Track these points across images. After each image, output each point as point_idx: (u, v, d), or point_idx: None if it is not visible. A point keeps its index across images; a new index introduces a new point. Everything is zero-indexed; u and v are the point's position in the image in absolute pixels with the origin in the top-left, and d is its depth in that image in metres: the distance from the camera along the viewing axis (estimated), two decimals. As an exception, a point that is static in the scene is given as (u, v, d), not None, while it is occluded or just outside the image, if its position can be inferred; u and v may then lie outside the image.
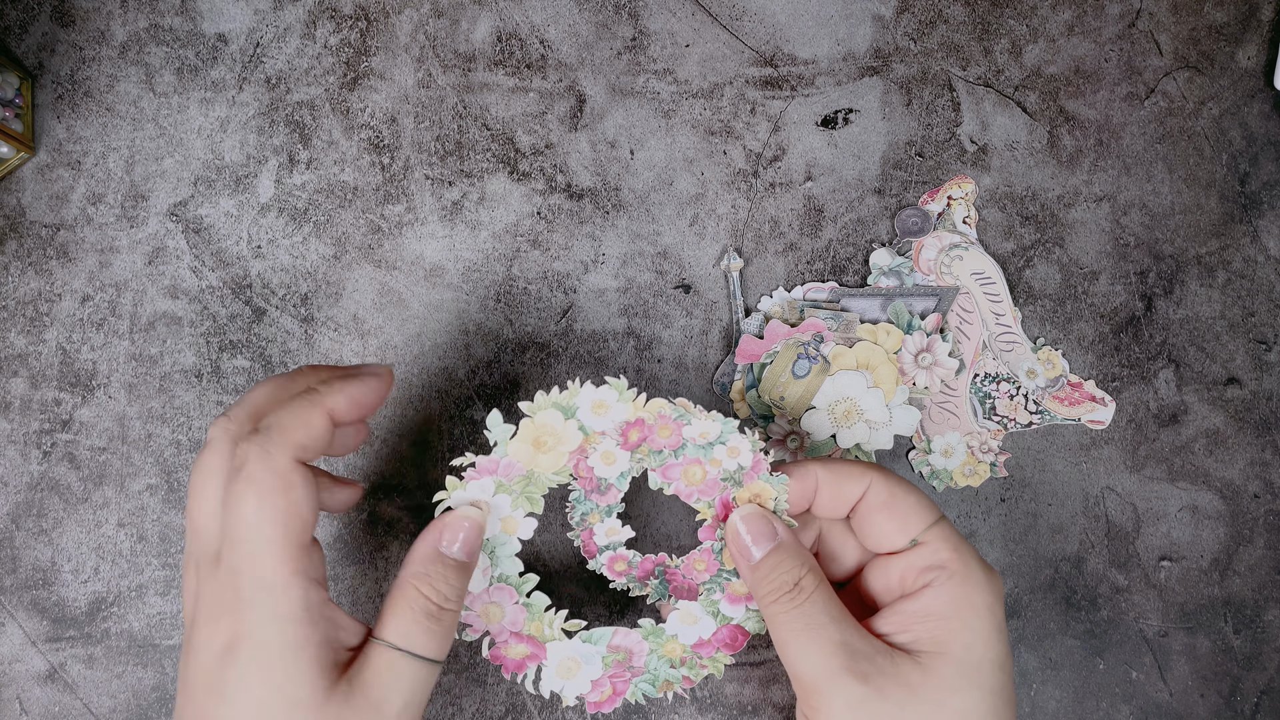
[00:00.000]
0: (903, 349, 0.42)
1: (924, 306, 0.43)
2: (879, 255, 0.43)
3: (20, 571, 0.42)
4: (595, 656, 0.36)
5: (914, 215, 0.43)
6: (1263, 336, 0.45)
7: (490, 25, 0.45)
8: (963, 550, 0.32)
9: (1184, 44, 0.46)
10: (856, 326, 0.42)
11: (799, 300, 0.43)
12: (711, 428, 0.34)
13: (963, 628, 0.31)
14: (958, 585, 0.31)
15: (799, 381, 0.42)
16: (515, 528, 0.35)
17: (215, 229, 0.44)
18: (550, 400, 0.34)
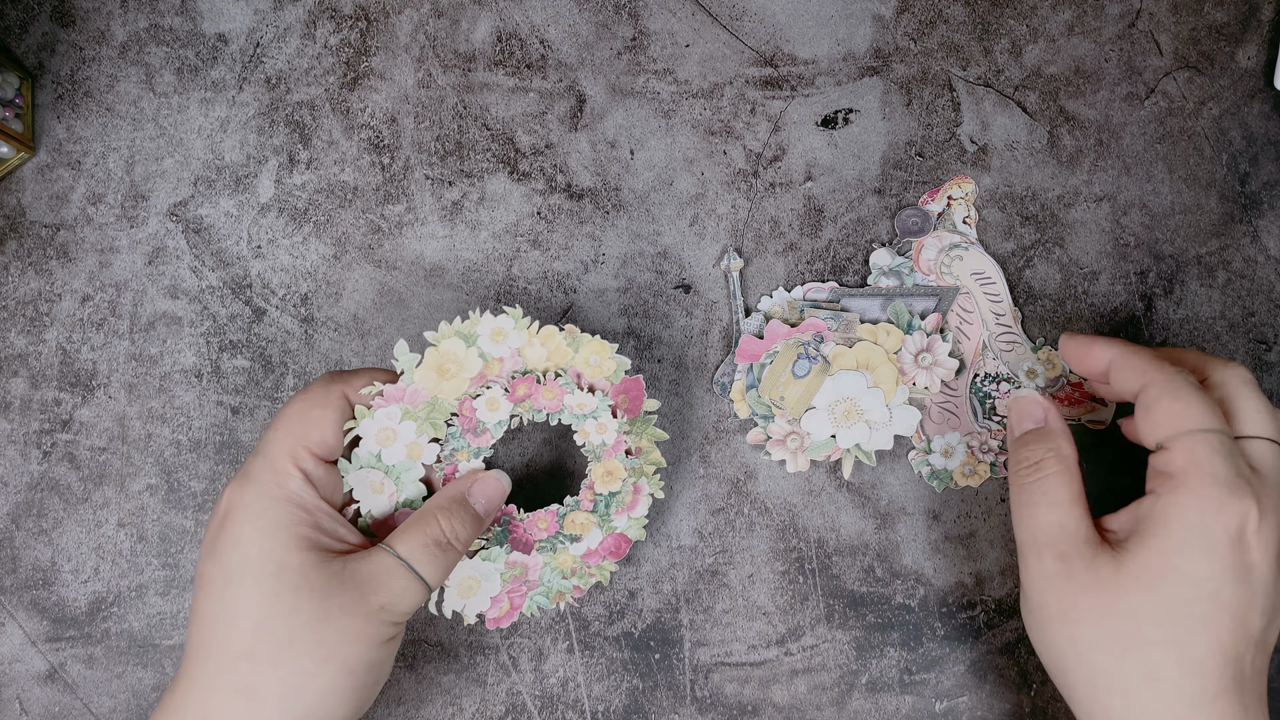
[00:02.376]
0: (903, 349, 0.42)
1: (924, 307, 0.43)
2: (879, 255, 0.43)
3: (20, 571, 0.42)
4: (494, 574, 0.38)
5: (914, 215, 0.43)
6: (1263, 336, 0.45)
7: (490, 25, 0.45)
8: (1204, 464, 0.32)
9: (1184, 44, 0.46)
10: (856, 326, 0.42)
11: (799, 300, 0.43)
12: (589, 401, 0.37)
13: (1162, 536, 0.31)
14: (1176, 496, 0.32)
15: (799, 381, 0.42)
16: (419, 453, 0.37)
17: (215, 229, 0.44)
18: (453, 329, 0.36)
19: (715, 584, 0.43)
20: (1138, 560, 0.32)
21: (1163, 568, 0.31)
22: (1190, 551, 0.31)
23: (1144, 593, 0.31)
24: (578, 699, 0.42)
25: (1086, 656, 0.32)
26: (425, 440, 0.37)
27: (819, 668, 0.42)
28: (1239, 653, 0.31)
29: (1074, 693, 0.33)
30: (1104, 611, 0.32)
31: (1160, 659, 0.31)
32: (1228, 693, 0.31)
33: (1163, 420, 0.33)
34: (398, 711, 0.42)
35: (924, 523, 0.43)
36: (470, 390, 0.37)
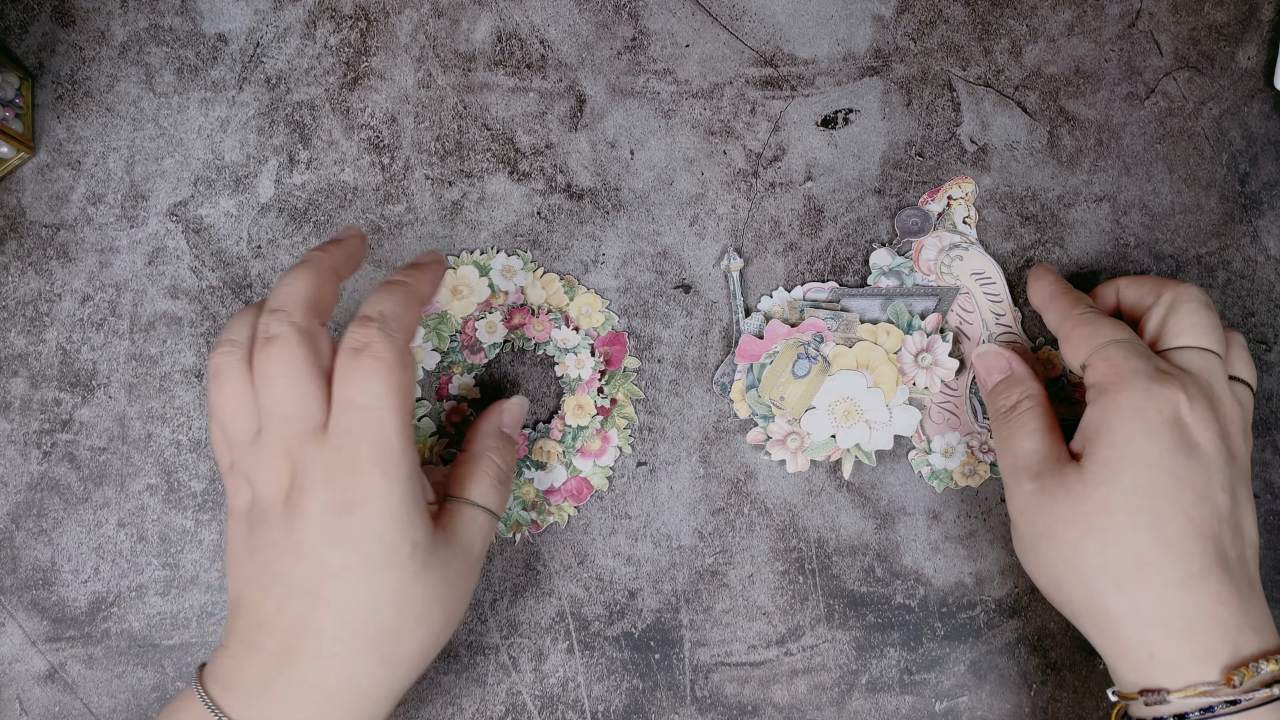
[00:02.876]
0: (903, 349, 0.42)
1: (924, 306, 0.42)
2: (879, 255, 0.43)
3: (20, 571, 0.42)
4: None
5: (914, 215, 0.43)
6: (1263, 336, 0.45)
7: (490, 25, 0.45)
8: (1121, 364, 0.34)
9: (1184, 44, 0.46)
10: (856, 326, 0.42)
11: (799, 300, 0.43)
12: (572, 337, 0.43)
13: (1107, 431, 0.34)
14: (1107, 398, 0.34)
15: (799, 381, 0.42)
16: (422, 357, 0.42)
17: (215, 229, 0.44)
18: (471, 259, 0.43)
19: (715, 584, 0.43)
20: (1095, 460, 0.34)
21: (1117, 458, 0.33)
22: (1135, 437, 0.33)
23: (1108, 484, 0.33)
24: (578, 699, 0.42)
25: (1074, 560, 0.33)
26: (429, 347, 0.42)
27: (819, 668, 0.42)
28: (1212, 530, 0.32)
29: (1072, 604, 0.34)
30: (1079, 512, 0.33)
31: (1140, 544, 0.32)
32: (1214, 570, 0.32)
33: (1079, 343, 0.36)
34: (397, 711, 0.42)
35: (924, 523, 0.43)
36: (475, 313, 0.42)
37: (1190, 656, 0.32)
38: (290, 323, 0.32)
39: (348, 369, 0.32)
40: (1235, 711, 0.31)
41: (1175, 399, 0.33)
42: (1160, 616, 0.32)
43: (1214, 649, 0.31)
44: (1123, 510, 0.33)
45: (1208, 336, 0.36)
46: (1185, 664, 0.32)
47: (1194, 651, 0.32)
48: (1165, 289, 0.37)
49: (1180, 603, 0.32)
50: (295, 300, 0.32)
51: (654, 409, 0.43)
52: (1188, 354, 0.35)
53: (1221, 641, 0.31)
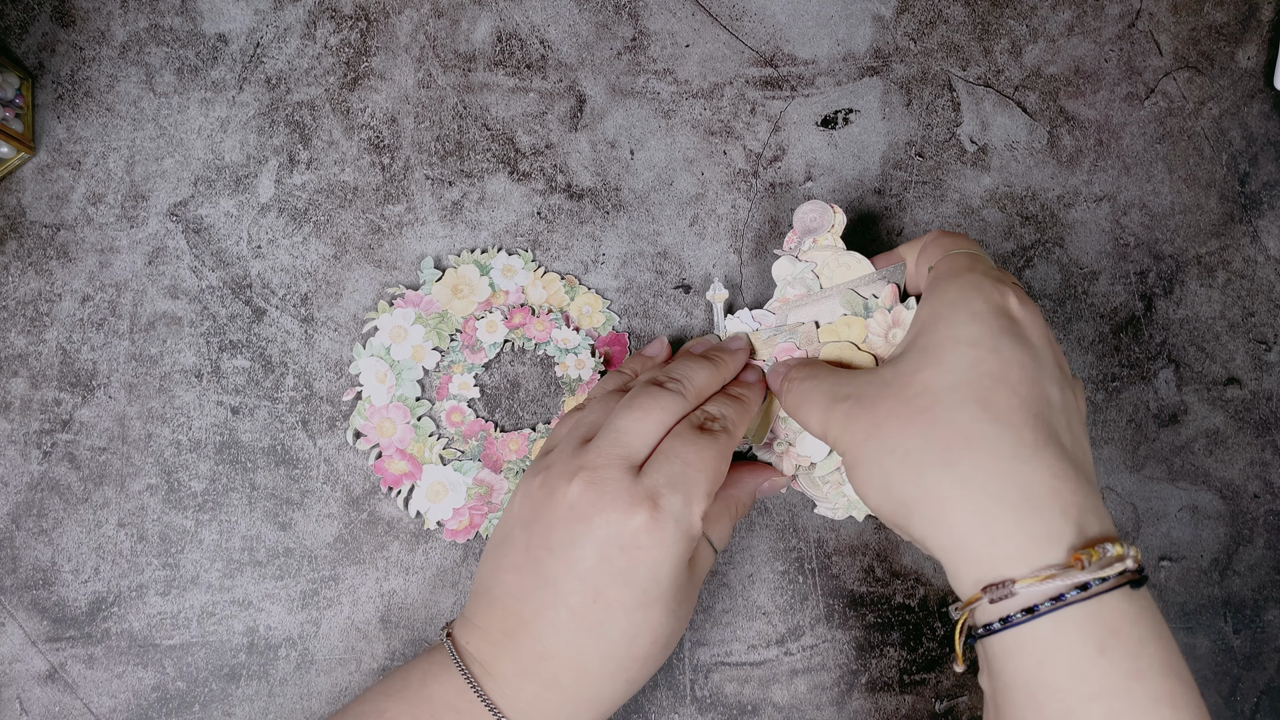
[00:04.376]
0: (869, 335, 0.39)
1: (873, 291, 0.39)
2: (780, 267, 0.40)
3: (20, 571, 0.42)
4: (461, 486, 0.42)
5: (813, 211, 0.39)
6: (1263, 336, 0.45)
7: (490, 25, 0.45)
8: (959, 264, 0.33)
9: (1184, 44, 0.46)
10: (815, 334, 0.39)
11: (761, 330, 0.40)
12: (572, 338, 0.43)
13: (930, 319, 0.32)
14: (939, 289, 0.33)
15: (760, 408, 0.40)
16: (422, 356, 0.42)
17: (215, 229, 0.44)
18: (472, 258, 0.43)
19: (715, 584, 0.43)
20: (915, 348, 0.32)
21: (938, 342, 0.31)
22: (959, 321, 0.31)
23: (930, 368, 0.31)
24: (578, 699, 0.42)
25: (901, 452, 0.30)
26: (429, 346, 0.42)
27: (819, 667, 0.42)
28: (1042, 411, 0.30)
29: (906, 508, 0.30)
30: (901, 400, 0.31)
31: (966, 418, 0.29)
32: (1048, 445, 0.29)
33: (933, 250, 0.35)
34: (398, 711, 0.42)
35: (924, 523, 0.43)
36: (476, 312, 0.43)
37: (1032, 538, 0.28)
38: (682, 389, 0.36)
39: (686, 433, 0.35)
40: (1087, 597, 0.27)
41: (1005, 294, 0.31)
42: (996, 491, 0.28)
43: (1056, 528, 0.28)
44: (945, 389, 0.30)
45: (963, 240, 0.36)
46: (1028, 547, 0.28)
47: (1036, 533, 0.28)
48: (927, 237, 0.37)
49: (1015, 475, 0.28)
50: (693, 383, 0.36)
51: (654, 409, 0.43)
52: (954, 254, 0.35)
53: (1063, 520, 0.28)
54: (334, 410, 0.43)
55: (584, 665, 0.33)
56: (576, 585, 0.33)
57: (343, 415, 0.43)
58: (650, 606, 0.33)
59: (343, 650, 0.42)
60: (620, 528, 0.32)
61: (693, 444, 0.34)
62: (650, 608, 0.33)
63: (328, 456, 0.42)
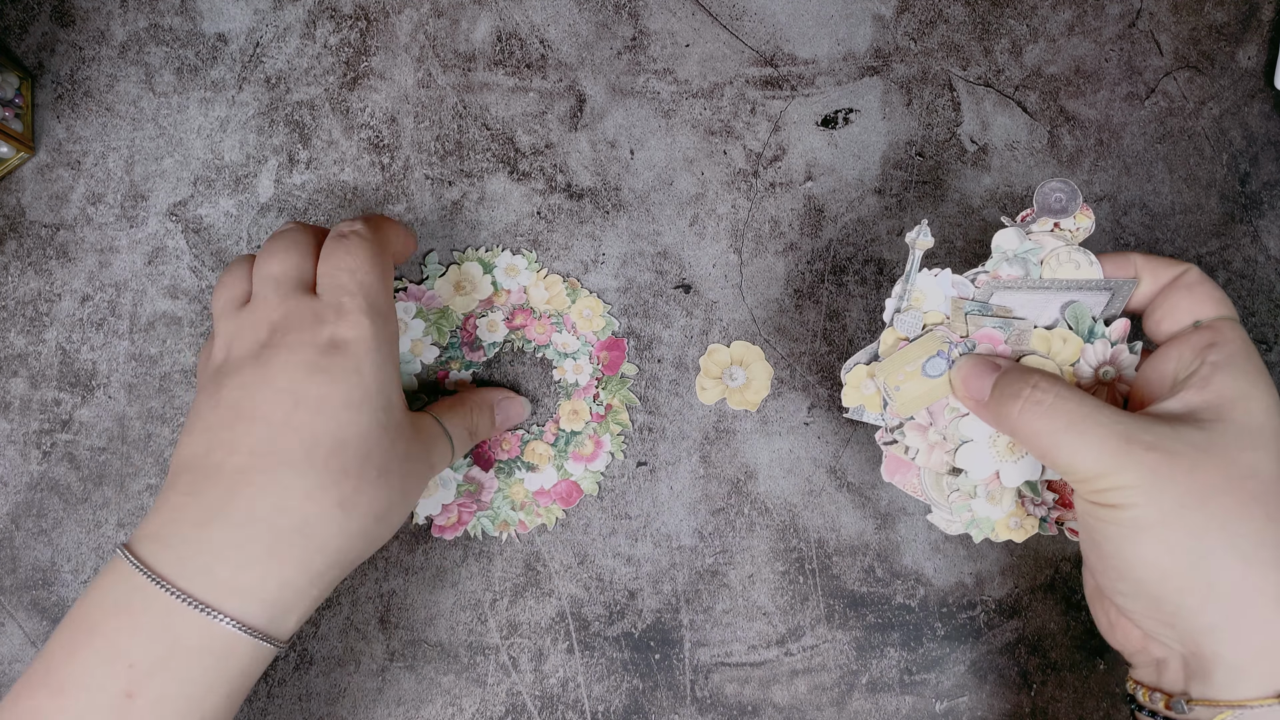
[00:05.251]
0: (1080, 360, 0.34)
1: (1092, 303, 0.35)
2: (1004, 237, 0.34)
3: (20, 571, 0.42)
4: (451, 482, 0.42)
5: (1060, 190, 0.34)
6: (1263, 336, 0.45)
7: (490, 25, 0.45)
8: (1247, 339, 0.31)
9: (1184, 44, 0.46)
10: (1031, 336, 0.34)
11: (965, 301, 0.35)
12: (572, 342, 0.42)
13: (1242, 396, 0.30)
14: (1238, 359, 0.30)
15: (926, 381, 0.35)
16: (421, 351, 0.42)
17: (215, 229, 0.44)
18: (476, 255, 0.43)
19: (715, 584, 0.43)
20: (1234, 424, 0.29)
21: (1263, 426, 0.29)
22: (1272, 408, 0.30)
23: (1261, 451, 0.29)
24: (578, 699, 0.42)
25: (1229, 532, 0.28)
26: (429, 341, 0.42)
27: (819, 668, 0.42)
28: None
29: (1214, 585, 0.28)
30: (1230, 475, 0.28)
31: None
32: None
33: (1206, 301, 0.32)
34: (397, 712, 0.42)
35: (924, 523, 0.43)
36: (477, 310, 0.42)
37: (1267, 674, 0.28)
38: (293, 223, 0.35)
39: (334, 248, 0.34)
40: None
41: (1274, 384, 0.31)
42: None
43: None
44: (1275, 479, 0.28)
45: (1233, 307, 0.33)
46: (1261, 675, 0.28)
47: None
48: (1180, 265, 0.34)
49: None
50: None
51: (654, 409, 0.43)
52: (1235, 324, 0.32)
53: None
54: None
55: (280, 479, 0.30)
56: (272, 396, 0.30)
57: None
58: (360, 409, 0.31)
59: (341, 651, 0.42)
60: (314, 335, 0.31)
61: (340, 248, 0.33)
62: (361, 410, 0.31)
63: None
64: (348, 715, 0.41)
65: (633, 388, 0.43)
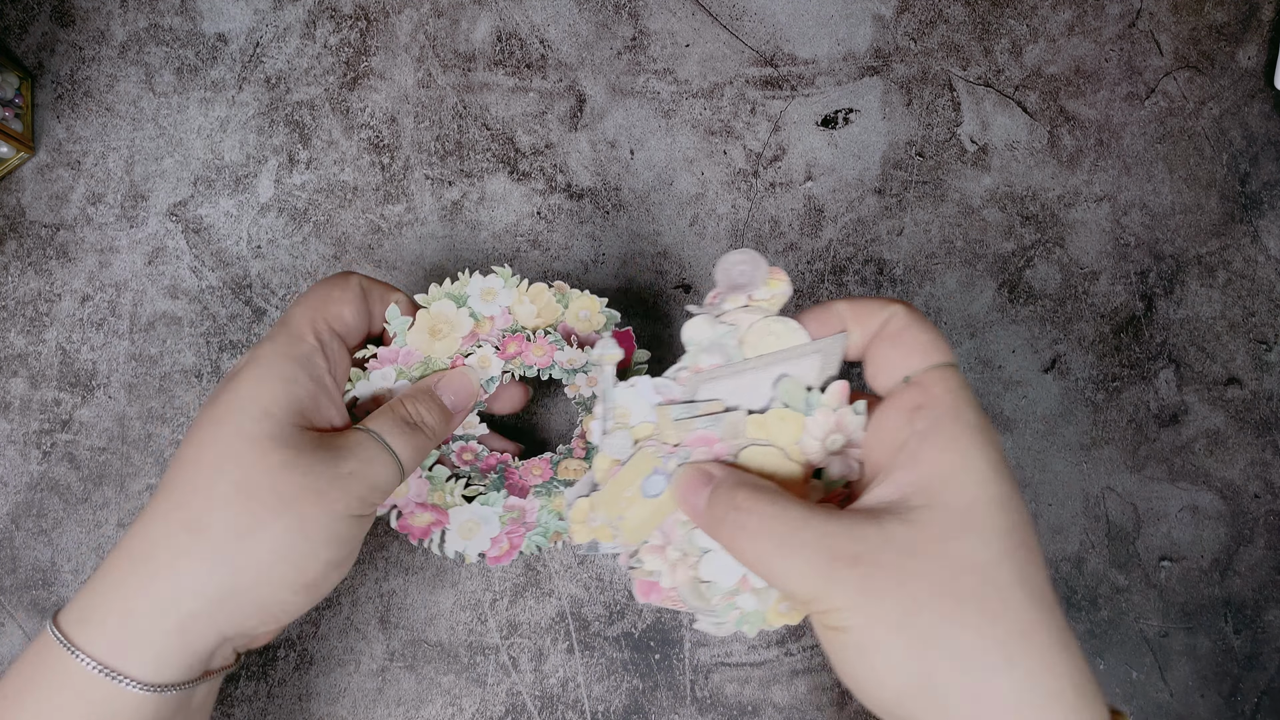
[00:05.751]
0: (805, 437, 0.31)
1: (804, 370, 0.32)
2: (693, 327, 0.31)
3: (20, 571, 0.42)
4: (493, 516, 0.38)
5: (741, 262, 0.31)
6: (1263, 336, 0.45)
7: (490, 25, 0.45)
8: (957, 392, 0.28)
9: (1184, 44, 0.46)
10: (744, 426, 0.31)
11: (674, 409, 0.32)
12: (578, 356, 0.38)
13: (951, 470, 0.27)
14: (945, 424, 0.28)
15: (648, 502, 0.32)
16: None
17: (215, 229, 0.44)
18: (443, 291, 0.36)
19: (715, 584, 0.43)
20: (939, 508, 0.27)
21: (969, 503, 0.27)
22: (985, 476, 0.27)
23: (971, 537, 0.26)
24: (578, 699, 0.42)
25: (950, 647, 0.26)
26: None
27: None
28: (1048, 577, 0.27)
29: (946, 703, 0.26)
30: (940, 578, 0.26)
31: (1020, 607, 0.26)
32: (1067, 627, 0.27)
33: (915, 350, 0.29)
34: (397, 712, 0.42)
35: (924, 523, 0.43)
36: (462, 349, 0.37)
37: None
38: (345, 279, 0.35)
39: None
40: None
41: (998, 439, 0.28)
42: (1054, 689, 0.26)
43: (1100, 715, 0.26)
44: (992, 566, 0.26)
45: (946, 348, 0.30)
46: None
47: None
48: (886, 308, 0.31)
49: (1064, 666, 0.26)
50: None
51: (654, 409, 0.43)
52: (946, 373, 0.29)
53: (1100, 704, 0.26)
54: (334, 410, 0.43)
55: (151, 502, 0.30)
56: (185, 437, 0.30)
57: (342, 415, 0.43)
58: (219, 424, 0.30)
59: (341, 651, 0.42)
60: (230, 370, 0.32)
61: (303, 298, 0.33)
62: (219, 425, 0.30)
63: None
64: (348, 715, 0.41)
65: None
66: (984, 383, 0.44)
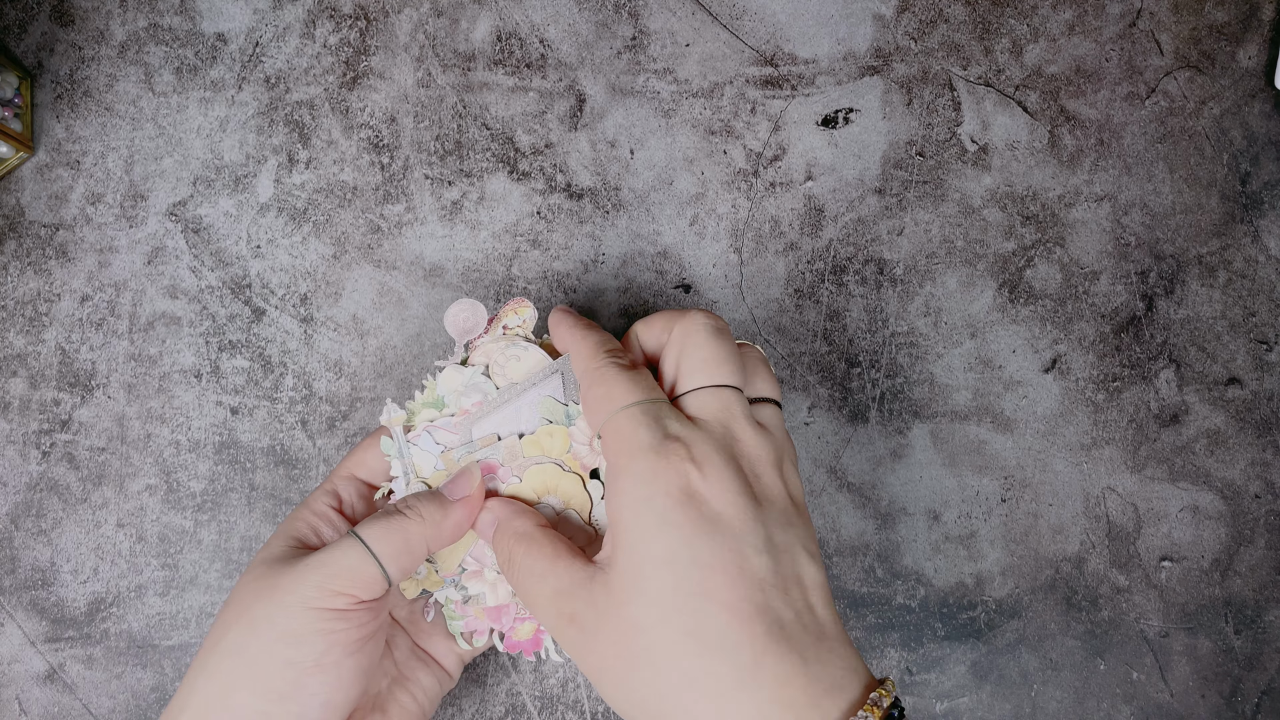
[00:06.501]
0: (573, 444, 0.34)
1: (554, 388, 0.35)
2: (444, 379, 0.35)
3: (20, 571, 0.42)
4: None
5: (461, 310, 0.35)
6: (1263, 336, 0.45)
7: (490, 25, 0.45)
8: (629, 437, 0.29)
9: (1185, 43, 0.46)
10: (520, 449, 0.34)
11: (455, 451, 0.35)
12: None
13: (623, 529, 0.29)
14: (618, 484, 0.29)
15: None
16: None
17: (215, 229, 0.44)
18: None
19: (715, 584, 0.43)
20: (617, 570, 0.29)
21: (635, 564, 0.28)
22: (648, 534, 0.28)
23: (635, 600, 0.28)
24: (577, 699, 0.42)
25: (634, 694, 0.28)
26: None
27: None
28: (756, 604, 0.28)
29: None
30: (618, 641, 0.28)
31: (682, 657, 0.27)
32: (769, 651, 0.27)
33: (593, 409, 0.31)
34: (397, 712, 0.41)
35: (924, 523, 0.43)
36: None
37: None
38: None
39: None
40: None
41: (684, 471, 0.29)
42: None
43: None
44: (656, 626, 0.28)
45: (719, 370, 0.31)
46: None
47: None
48: (674, 324, 0.33)
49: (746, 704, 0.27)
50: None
51: (654, 409, 0.43)
52: (700, 397, 0.31)
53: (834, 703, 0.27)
54: (333, 410, 0.43)
55: None
56: None
57: (342, 415, 0.43)
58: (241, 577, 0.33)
59: (342, 651, 0.42)
60: None
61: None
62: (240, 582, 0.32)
63: (327, 456, 0.42)
64: (347, 715, 0.41)
65: None
66: (984, 383, 0.44)
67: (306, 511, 0.35)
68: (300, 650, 0.30)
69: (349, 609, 0.31)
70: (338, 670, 0.31)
